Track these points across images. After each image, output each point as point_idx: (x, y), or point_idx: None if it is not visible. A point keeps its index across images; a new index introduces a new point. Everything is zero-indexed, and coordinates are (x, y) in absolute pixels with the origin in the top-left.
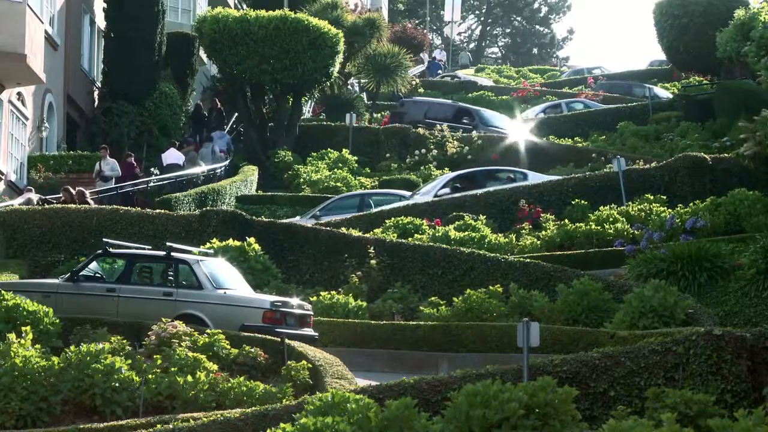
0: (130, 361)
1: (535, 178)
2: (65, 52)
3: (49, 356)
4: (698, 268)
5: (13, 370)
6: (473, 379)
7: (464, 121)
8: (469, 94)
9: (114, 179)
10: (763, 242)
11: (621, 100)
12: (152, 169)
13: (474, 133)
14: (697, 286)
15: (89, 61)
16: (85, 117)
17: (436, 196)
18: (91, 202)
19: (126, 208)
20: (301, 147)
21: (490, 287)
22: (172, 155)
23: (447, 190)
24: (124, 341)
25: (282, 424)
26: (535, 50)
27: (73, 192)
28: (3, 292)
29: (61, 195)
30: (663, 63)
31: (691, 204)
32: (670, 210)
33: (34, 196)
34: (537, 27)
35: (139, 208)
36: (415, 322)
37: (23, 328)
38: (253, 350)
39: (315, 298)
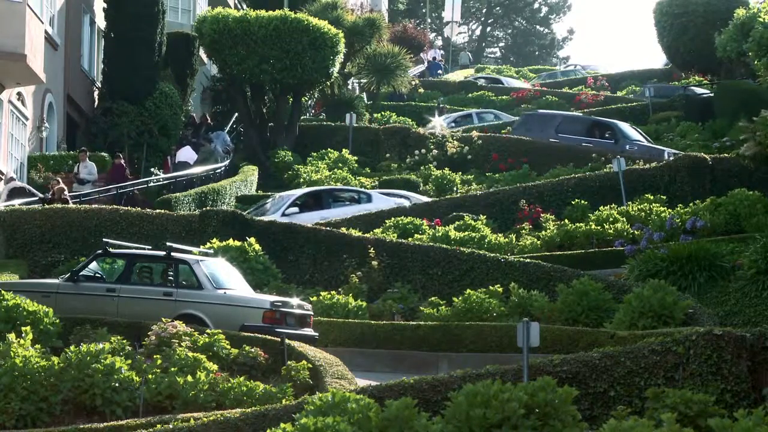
0: (130, 361)
1: (379, 199)
2: (65, 52)
3: (49, 356)
4: (698, 268)
5: (13, 370)
6: (473, 379)
7: (606, 136)
8: (469, 95)
9: (92, 183)
10: (763, 242)
11: (622, 99)
12: (152, 169)
13: (474, 133)
14: (697, 286)
15: (89, 61)
16: (85, 117)
17: (284, 215)
18: (68, 199)
19: (126, 208)
20: (301, 147)
21: (490, 287)
22: (185, 153)
23: (296, 209)
24: (124, 341)
25: (282, 424)
26: (536, 51)
27: (62, 186)
28: (3, 292)
29: (52, 193)
30: None
31: (691, 204)
32: (670, 210)
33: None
34: (537, 27)
35: (139, 208)
36: (415, 322)
37: (23, 328)
38: (253, 350)
39: (315, 298)
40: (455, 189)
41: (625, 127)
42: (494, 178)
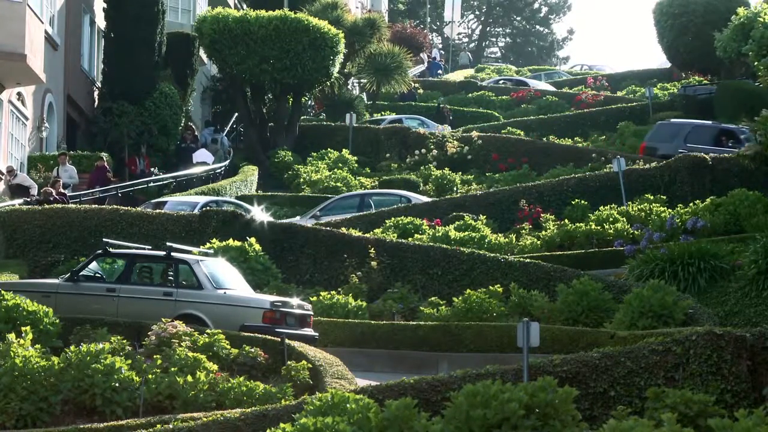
0: (130, 361)
1: (257, 212)
2: (65, 52)
3: (49, 356)
4: (698, 268)
5: (13, 370)
6: (473, 379)
7: (730, 145)
8: (469, 95)
9: (72, 186)
10: (763, 242)
11: (622, 99)
12: (153, 170)
13: (474, 133)
14: (697, 286)
15: (89, 61)
16: (85, 117)
17: None
18: (56, 199)
19: (126, 208)
20: (301, 147)
21: (490, 287)
22: (202, 154)
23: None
24: (124, 341)
25: (282, 424)
26: (535, 51)
27: (47, 188)
28: (3, 292)
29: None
30: None
31: (691, 204)
32: (670, 210)
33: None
34: (537, 27)
35: (139, 208)
36: (415, 322)
37: (23, 328)
38: (253, 350)
39: (315, 298)
40: (455, 189)
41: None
42: (494, 178)
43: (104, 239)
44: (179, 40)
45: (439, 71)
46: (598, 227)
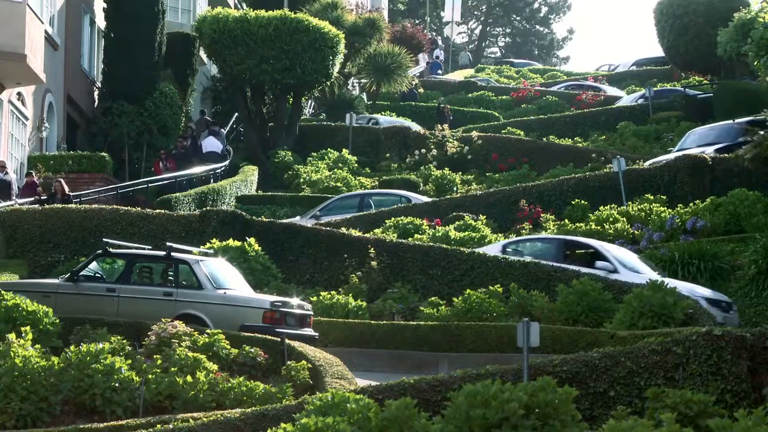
0: (130, 361)
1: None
2: (65, 52)
3: (49, 356)
4: (698, 268)
5: (13, 370)
6: (473, 379)
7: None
8: (469, 95)
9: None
10: (763, 242)
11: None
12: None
13: (474, 133)
14: None
15: (89, 61)
16: (85, 117)
17: None
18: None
19: (126, 208)
20: (301, 147)
21: (490, 287)
22: (210, 143)
23: None
24: (124, 341)
25: (282, 424)
26: (535, 51)
27: (63, 185)
28: (3, 292)
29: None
30: None
31: (691, 204)
32: (670, 210)
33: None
34: (537, 27)
35: (139, 208)
36: (415, 322)
37: (23, 328)
38: (253, 350)
39: (315, 298)
40: (455, 189)
41: None
42: (494, 178)
43: (104, 239)
44: (179, 40)
45: (439, 71)
46: (598, 227)
